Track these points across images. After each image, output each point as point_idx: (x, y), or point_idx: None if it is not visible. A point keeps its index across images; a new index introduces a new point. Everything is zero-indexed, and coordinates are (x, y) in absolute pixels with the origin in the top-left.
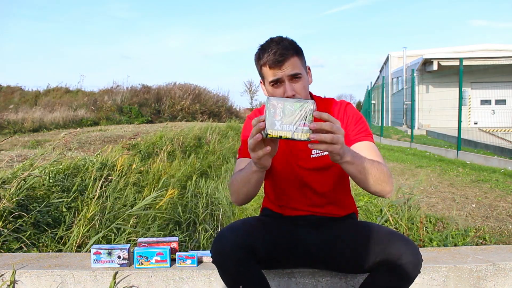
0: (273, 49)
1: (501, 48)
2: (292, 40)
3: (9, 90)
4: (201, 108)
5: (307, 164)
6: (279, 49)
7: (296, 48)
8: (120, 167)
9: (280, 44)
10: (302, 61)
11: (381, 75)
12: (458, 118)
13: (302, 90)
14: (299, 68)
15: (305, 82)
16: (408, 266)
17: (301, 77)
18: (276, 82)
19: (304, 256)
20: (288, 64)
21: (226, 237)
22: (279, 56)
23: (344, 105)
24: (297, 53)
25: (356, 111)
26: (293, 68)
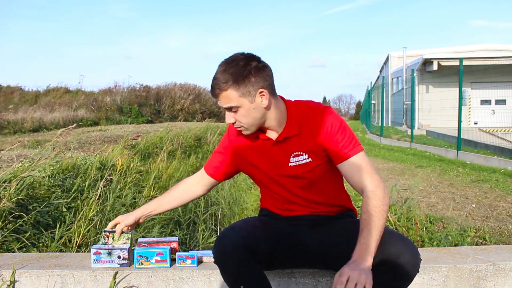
0: (213, 78)
1: (501, 48)
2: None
3: (9, 90)
4: (201, 108)
5: (285, 172)
6: (214, 83)
7: (235, 78)
8: (120, 167)
9: (217, 78)
10: (243, 90)
11: (381, 75)
12: (458, 118)
13: (241, 118)
14: (235, 100)
15: (245, 111)
16: (406, 266)
17: (237, 110)
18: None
19: (304, 256)
20: (221, 98)
21: (228, 237)
22: (213, 91)
23: (320, 112)
24: (234, 85)
25: (335, 119)
26: (226, 102)
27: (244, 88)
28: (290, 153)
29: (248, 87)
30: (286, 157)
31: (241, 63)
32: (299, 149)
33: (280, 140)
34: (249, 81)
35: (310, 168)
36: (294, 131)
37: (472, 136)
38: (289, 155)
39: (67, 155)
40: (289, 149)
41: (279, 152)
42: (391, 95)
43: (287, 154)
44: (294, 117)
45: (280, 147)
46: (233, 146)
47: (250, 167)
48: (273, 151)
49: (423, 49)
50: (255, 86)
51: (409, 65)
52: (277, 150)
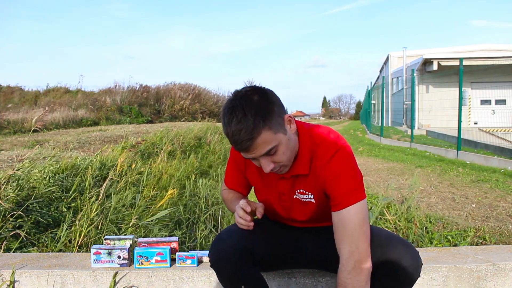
0: (236, 134)
1: (501, 48)
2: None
3: (9, 90)
4: (201, 108)
5: (289, 204)
6: (242, 133)
7: (263, 116)
8: (120, 167)
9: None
10: (276, 126)
11: (381, 75)
12: (458, 118)
13: (282, 156)
14: (272, 141)
15: (284, 148)
16: (408, 270)
17: (277, 148)
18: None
19: (302, 258)
20: (256, 147)
21: (223, 241)
22: (243, 145)
23: (330, 155)
24: (265, 125)
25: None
26: (264, 147)
27: (275, 120)
28: (296, 189)
29: (276, 119)
30: (292, 191)
31: (255, 98)
32: (305, 188)
33: (287, 177)
34: (274, 113)
35: (313, 208)
36: (304, 170)
37: (472, 136)
38: (294, 190)
39: (67, 155)
40: (295, 185)
41: (285, 186)
42: (391, 95)
43: (293, 188)
44: (306, 152)
45: (287, 181)
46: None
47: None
48: (279, 183)
49: (423, 49)
50: (281, 115)
51: (409, 65)
52: (283, 183)
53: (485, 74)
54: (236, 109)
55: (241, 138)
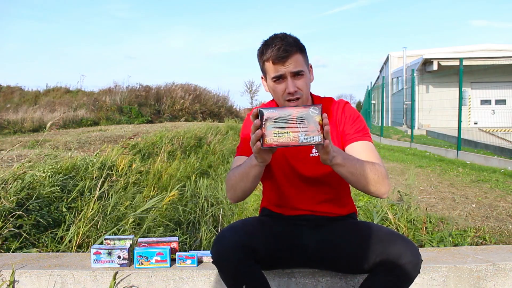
0: (277, 45)
1: (501, 48)
2: (296, 37)
3: (9, 90)
4: (201, 108)
5: (306, 162)
6: (283, 45)
7: (300, 45)
8: (120, 167)
9: (284, 40)
10: (305, 59)
11: (381, 75)
12: (458, 118)
13: (304, 87)
14: (302, 65)
15: (307, 80)
16: (407, 266)
17: (303, 74)
18: (278, 78)
19: (304, 256)
20: (291, 61)
21: (226, 238)
22: (283, 52)
23: (343, 104)
24: (300, 50)
25: (354, 110)
26: (296, 65)
27: (306, 57)
28: None
29: (307, 57)
30: (309, 147)
31: (294, 36)
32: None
33: None
34: (306, 53)
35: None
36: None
37: (472, 136)
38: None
39: (67, 155)
40: None
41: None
42: (391, 95)
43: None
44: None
45: None
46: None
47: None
48: None
49: (423, 49)
50: (307, 60)
51: (409, 65)
52: None
53: (485, 74)
54: (279, 34)
55: (282, 49)
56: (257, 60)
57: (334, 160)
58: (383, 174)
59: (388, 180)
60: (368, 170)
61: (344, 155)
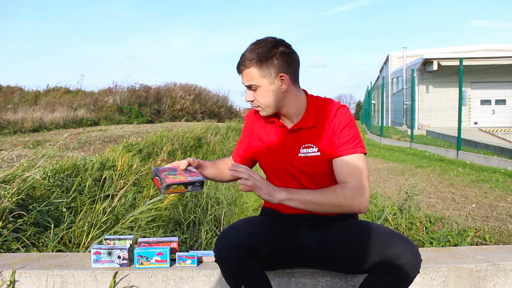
0: (242, 54)
1: (501, 48)
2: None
3: (9, 90)
4: (201, 108)
5: (294, 163)
6: (241, 60)
7: (260, 59)
8: (120, 167)
9: (244, 55)
10: (265, 71)
11: (381, 75)
12: (458, 118)
13: (259, 98)
14: (256, 80)
15: (263, 92)
16: (407, 266)
17: (256, 88)
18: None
19: (304, 256)
20: (244, 75)
21: (228, 237)
22: (238, 66)
23: (336, 108)
24: (258, 64)
25: (345, 116)
26: (247, 79)
27: (266, 69)
28: (301, 144)
29: (270, 69)
30: (297, 147)
31: (268, 45)
32: (311, 141)
33: (295, 130)
34: (272, 64)
35: (318, 162)
36: (310, 123)
37: (472, 136)
38: (299, 145)
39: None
40: (301, 139)
41: (291, 141)
42: (391, 95)
43: (298, 144)
44: (313, 110)
45: (294, 136)
46: (251, 129)
47: (262, 154)
48: (286, 138)
49: (423, 49)
50: (277, 70)
51: (409, 65)
52: (290, 138)
53: (485, 74)
54: (256, 43)
55: (239, 61)
56: None
57: (277, 197)
58: (348, 195)
59: (362, 196)
60: (322, 197)
61: (288, 190)
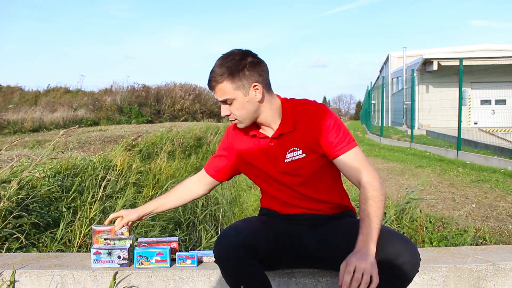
0: (211, 71)
1: (501, 48)
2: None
3: (9, 90)
4: (201, 108)
5: (282, 169)
6: (211, 76)
7: (231, 72)
8: (120, 167)
9: (214, 71)
10: (238, 83)
11: (381, 75)
12: (458, 118)
13: (235, 111)
14: (229, 93)
15: (239, 104)
16: (406, 266)
17: (231, 102)
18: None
19: (304, 256)
20: (217, 91)
21: (227, 237)
22: (209, 83)
23: (315, 111)
24: (230, 77)
25: (328, 116)
26: (221, 94)
27: (238, 81)
28: (286, 150)
29: (242, 80)
30: (282, 154)
31: (237, 57)
32: (294, 145)
33: (276, 137)
34: (244, 75)
35: (305, 163)
36: (288, 128)
37: (472, 136)
38: (285, 151)
39: (67, 155)
40: (285, 145)
41: (276, 149)
42: (391, 95)
43: (283, 150)
44: (288, 113)
45: (277, 143)
46: (232, 146)
47: (249, 167)
48: (270, 148)
49: (423, 49)
50: (249, 80)
51: (409, 65)
52: (274, 147)
53: (485, 74)
54: (223, 57)
55: (210, 78)
56: None
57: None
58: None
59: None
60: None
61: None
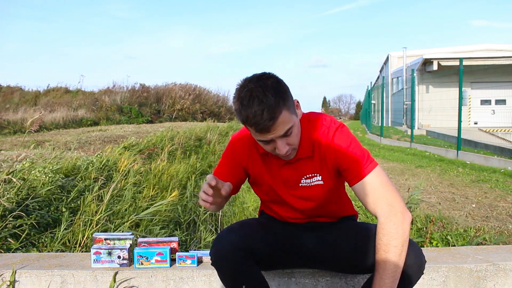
0: (257, 111)
1: (501, 48)
2: (275, 85)
3: (9, 90)
4: (201, 108)
5: (295, 193)
6: (265, 111)
7: (282, 97)
8: (120, 168)
9: (264, 103)
10: (291, 107)
11: (381, 75)
12: (458, 118)
13: (295, 139)
14: (290, 121)
15: (297, 129)
16: (411, 268)
17: (292, 130)
18: (266, 142)
19: (304, 257)
20: (277, 126)
21: (224, 239)
22: (267, 122)
23: (331, 134)
24: (284, 104)
25: (344, 139)
26: (283, 127)
27: (290, 102)
28: (302, 175)
29: (290, 101)
30: (298, 179)
31: (269, 81)
32: (312, 171)
33: (292, 162)
34: (289, 95)
35: (322, 190)
36: (307, 153)
37: (472, 136)
38: (300, 176)
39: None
40: (301, 170)
41: (290, 172)
42: (391, 95)
43: (299, 175)
44: (306, 136)
45: (292, 167)
46: (241, 158)
47: (258, 182)
48: (284, 170)
49: (423, 49)
50: (292, 99)
51: (409, 65)
52: (288, 170)
53: (485, 74)
54: (255, 90)
55: (264, 118)
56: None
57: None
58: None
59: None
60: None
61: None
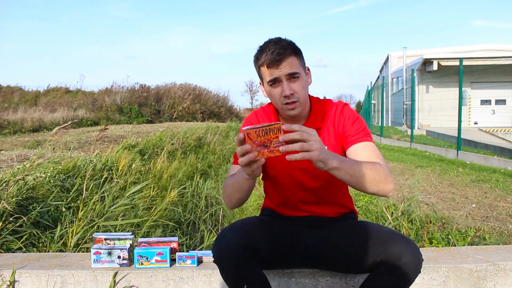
0: (271, 48)
1: (501, 48)
2: (291, 41)
3: (9, 90)
4: (201, 108)
5: (299, 164)
6: (277, 48)
7: (295, 48)
8: (120, 168)
9: (278, 44)
10: (301, 61)
11: (381, 75)
12: (458, 118)
13: (300, 90)
14: (297, 67)
15: (303, 82)
16: (408, 266)
17: (299, 77)
18: (274, 82)
19: (304, 256)
20: (285, 64)
21: (227, 237)
22: (276, 55)
23: (341, 106)
24: (295, 53)
25: (353, 111)
26: (290, 67)
27: (302, 59)
28: None
29: (303, 60)
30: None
31: (289, 41)
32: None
33: None
34: (302, 56)
35: None
36: (317, 124)
37: (472, 136)
38: None
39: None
40: None
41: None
42: (391, 95)
43: None
44: (317, 110)
45: None
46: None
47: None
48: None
49: (423, 49)
50: (304, 62)
51: (409, 65)
52: None
53: (485, 74)
54: (273, 39)
55: (275, 53)
56: (253, 66)
57: (330, 164)
58: (385, 173)
59: (391, 178)
60: (368, 170)
61: (340, 158)
